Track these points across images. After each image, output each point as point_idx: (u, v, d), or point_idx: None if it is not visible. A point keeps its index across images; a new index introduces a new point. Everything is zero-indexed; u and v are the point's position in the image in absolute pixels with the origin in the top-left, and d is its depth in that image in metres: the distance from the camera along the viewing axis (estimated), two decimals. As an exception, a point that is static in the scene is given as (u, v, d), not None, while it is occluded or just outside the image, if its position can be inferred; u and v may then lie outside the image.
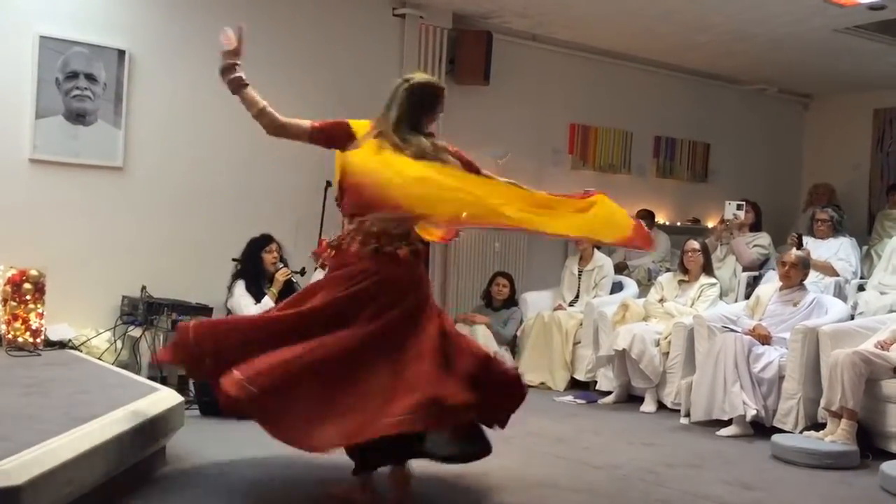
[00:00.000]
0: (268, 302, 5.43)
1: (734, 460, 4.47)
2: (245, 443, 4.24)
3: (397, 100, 3.29)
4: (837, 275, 6.35)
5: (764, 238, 7.10)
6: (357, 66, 6.49)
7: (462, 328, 5.85)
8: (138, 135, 5.65)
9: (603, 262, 6.80)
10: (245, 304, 5.41)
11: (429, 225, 3.43)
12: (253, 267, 5.51)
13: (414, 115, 3.29)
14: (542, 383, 6.36)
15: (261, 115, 3.28)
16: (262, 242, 5.55)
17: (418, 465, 3.42)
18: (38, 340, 4.98)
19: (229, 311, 5.53)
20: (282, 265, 5.56)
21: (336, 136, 3.32)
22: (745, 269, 6.84)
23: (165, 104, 5.75)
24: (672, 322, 5.80)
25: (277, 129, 3.30)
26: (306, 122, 3.32)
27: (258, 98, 3.29)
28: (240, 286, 5.46)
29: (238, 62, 3.30)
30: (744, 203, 6.94)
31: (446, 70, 6.92)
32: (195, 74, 5.82)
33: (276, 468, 3.87)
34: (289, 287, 5.57)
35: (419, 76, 3.40)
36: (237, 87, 3.29)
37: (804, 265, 5.53)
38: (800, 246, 6.16)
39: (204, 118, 5.87)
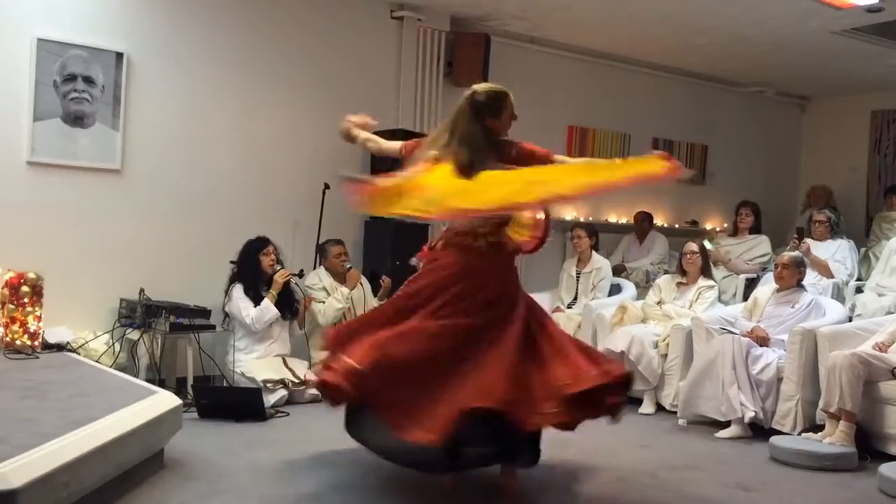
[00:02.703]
0: (267, 305, 5.42)
1: (732, 462, 4.47)
2: (243, 446, 4.25)
3: (461, 115, 3.52)
4: (832, 276, 6.35)
5: (763, 245, 7.10)
6: (355, 68, 6.49)
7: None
8: (136, 137, 5.64)
9: (601, 264, 6.79)
10: (244, 308, 5.40)
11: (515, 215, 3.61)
12: (250, 270, 5.49)
13: (477, 127, 3.50)
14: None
15: (364, 144, 3.86)
16: (258, 245, 5.53)
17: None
18: (36, 343, 4.97)
19: (227, 315, 5.52)
20: (279, 267, 5.55)
21: (416, 153, 3.64)
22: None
23: (163, 107, 5.75)
24: (670, 324, 5.80)
25: (379, 152, 3.89)
26: (398, 144, 3.82)
27: (360, 133, 3.84)
28: (238, 289, 5.45)
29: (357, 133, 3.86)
30: (705, 241, 6.94)
31: (444, 72, 6.92)
32: (193, 77, 5.83)
33: (274, 470, 3.87)
34: (287, 288, 5.57)
35: (480, 86, 3.59)
36: (350, 138, 3.88)
37: (796, 265, 5.52)
38: (801, 240, 6.16)
39: (202, 120, 5.88)
